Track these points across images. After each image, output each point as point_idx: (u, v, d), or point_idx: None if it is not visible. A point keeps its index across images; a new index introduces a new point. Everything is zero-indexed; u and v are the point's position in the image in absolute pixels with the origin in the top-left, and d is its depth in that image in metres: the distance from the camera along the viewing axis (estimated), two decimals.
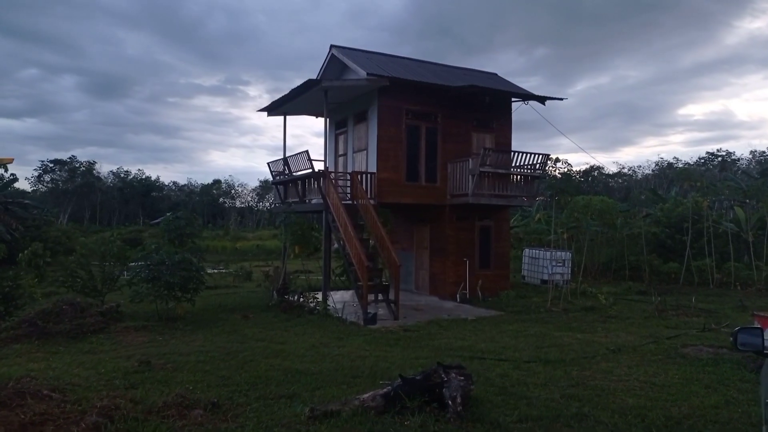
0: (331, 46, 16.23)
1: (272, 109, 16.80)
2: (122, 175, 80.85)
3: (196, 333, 10.32)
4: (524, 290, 17.46)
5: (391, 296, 12.54)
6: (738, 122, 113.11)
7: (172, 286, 11.04)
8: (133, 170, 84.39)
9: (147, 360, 7.43)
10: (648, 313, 12.75)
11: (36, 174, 71.67)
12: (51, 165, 71.46)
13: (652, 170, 65.80)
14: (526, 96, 16.70)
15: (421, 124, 15.49)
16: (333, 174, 15.29)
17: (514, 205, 16.80)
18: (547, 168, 15.69)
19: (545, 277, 18.81)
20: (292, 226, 17.25)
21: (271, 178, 17.10)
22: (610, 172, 64.72)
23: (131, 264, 12.46)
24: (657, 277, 20.09)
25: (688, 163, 60.28)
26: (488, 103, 16.10)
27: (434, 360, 8.11)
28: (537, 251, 20.12)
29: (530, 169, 15.46)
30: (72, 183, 71.24)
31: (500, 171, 14.97)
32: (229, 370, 7.26)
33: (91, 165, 74.57)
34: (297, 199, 15.60)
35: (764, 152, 57.78)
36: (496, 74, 19.35)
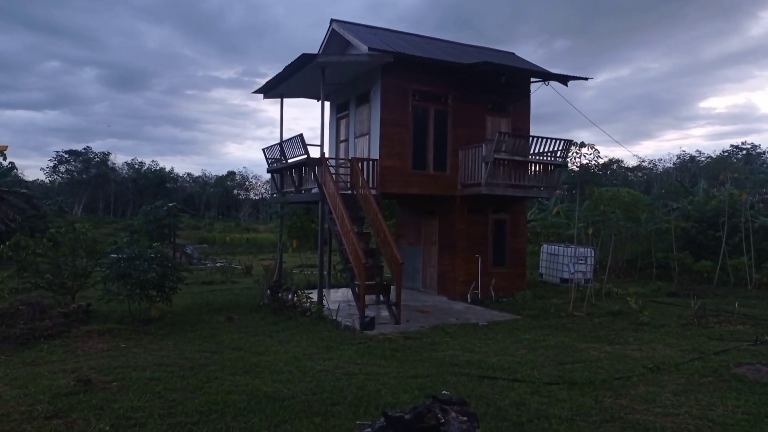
0: (332, 21, 14.72)
1: (267, 91, 15.40)
2: (136, 166, 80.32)
3: (167, 339, 9.07)
4: (542, 290, 15.98)
5: (393, 297, 11.16)
6: (761, 115, 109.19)
7: (145, 285, 9.80)
8: (147, 161, 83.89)
9: (87, 378, 6.18)
10: (685, 319, 11.20)
11: (51, 165, 71.61)
12: (66, 156, 71.28)
13: (674, 163, 63.39)
14: (546, 75, 15.10)
15: (430, 106, 14.03)
16: (333, 161, 13.93)
17: (531, 196, 15.25)
18: (570, 156, 14.07)
19: (565, 276, 17.29)
20: (291, 218, 15.98)
21: (267, 166, 15.77)
22: (630, 166, 62.33)
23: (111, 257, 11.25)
24: (688, 276, 18.42)
25: (711, 157, 57.62)
26: (504, 84, 14.57)
27: (435, 379, 6.76)
28: (556, 247, 18.57)
29: (551, 156, 13.92)
30: (87, 174, 70.98)
31: (517, 158, 13.44)
32: (185, 392, 5.97)
33: (105, 156, 74.30)
34: (293, 189, 14.26)
35: None
36: (514, 53, 17.76)
